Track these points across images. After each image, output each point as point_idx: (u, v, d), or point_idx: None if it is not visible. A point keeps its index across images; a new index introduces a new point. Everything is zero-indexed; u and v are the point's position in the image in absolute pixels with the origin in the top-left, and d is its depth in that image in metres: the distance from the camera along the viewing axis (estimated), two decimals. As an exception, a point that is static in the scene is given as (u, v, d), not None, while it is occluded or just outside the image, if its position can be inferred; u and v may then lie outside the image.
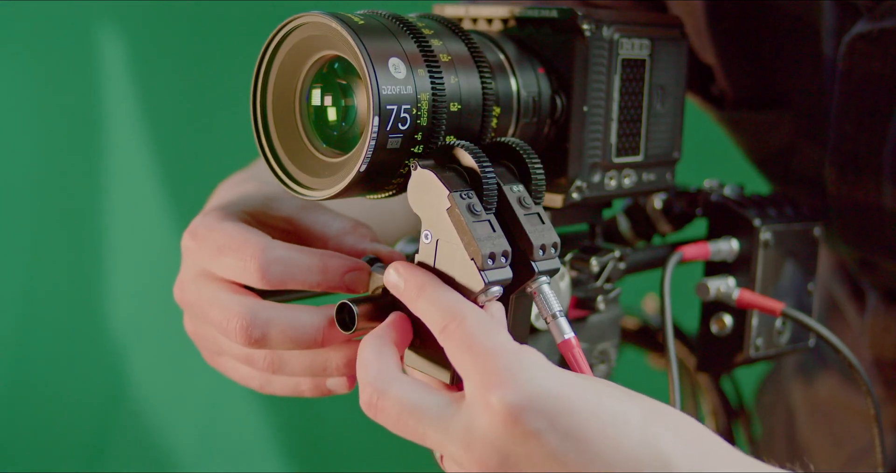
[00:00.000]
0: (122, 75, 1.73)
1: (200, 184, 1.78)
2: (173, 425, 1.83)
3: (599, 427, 0.54)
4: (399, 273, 0.62)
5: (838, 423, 1.04)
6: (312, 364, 0.68)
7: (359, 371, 0.60)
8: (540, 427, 0.54)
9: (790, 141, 0.91)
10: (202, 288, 0.68)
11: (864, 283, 0.97)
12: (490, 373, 0.55)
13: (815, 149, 0.89)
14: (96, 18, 1.71)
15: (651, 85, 0.75)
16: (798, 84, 0.89)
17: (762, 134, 0.93)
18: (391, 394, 0.57)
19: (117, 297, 1.77)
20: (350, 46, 0.60)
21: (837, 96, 0.84)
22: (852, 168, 0.85)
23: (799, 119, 0.90)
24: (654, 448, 0.54)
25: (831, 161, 0.86)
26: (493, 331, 0.57)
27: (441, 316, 0.58)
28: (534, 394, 0.54)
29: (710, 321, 0.82)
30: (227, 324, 0.66)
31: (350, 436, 1.88)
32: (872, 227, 0.87)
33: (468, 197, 0.61)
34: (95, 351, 1.76)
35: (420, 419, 0.57)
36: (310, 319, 0.66)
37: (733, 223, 0.81)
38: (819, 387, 1.07)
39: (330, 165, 0.64)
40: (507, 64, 0.70)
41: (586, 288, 0.74)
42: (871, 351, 0.96)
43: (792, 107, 0.91)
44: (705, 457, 0.55)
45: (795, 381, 1.11)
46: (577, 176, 0.72)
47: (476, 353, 0.56)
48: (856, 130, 0.83)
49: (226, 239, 0.67)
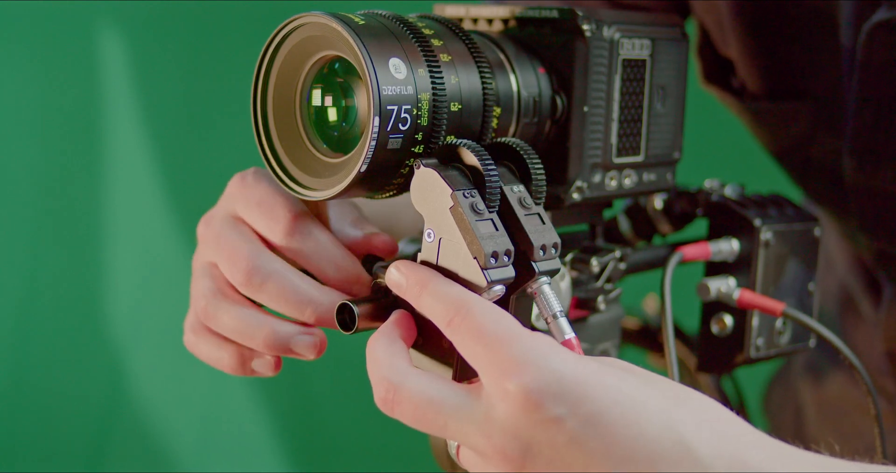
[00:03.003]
0: (122, 75, 1.73)
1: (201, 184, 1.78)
2: (173, 425, 1.82)
3: (620, 413, 0.54)
4: (400, 271, 0.61)
5: (847, 421, 1.04)
6: (242, 327, 0.67)
7: (371, 368, 0.59)
8: (561, 412, 0.53)
9: (809, 132, 0.91)
10: (228, 225, 0.69)
11: (881, 276, 0.97)
12: (505, 361, 0.54)
13: (834, 139, 0.89)
14: (96, 18, 1.71)
15: (652, 85, 0.75)
16: (817, 75, 0.90)
17: (781, 125, 0.94)
18: (407, 388, 0.57)
19: (117, 297, 1.77)
20: (350, 47, 0.60)
21: (856, 85, 0.85)
22: (870, 157, 0.85)
23: (818, 110, 0.90)
24: (675, 433, 0.54)
25: (850, 151, 0.87)
26: (501, 319, 0.57)
27: (446, 309, 0.58)
28: (553, 380, 0.54)
29: (711, 321, 0.82)
30: (235, 260, 0.67)
31: (350, 436, 1.88)
32: (890, 217, 0.87)
33: (471, 195, 0.61)
34: (95, 351, 1.76)
35: (439, 410, 0.56)
36: (313, 293, 0.66)
37: (734, 223, 0.81)
38: (828, 385, 1.07)
39: (330, 165, 0.64)
40: (508, 64, 0.70)
41: (587, 288, 0.74)
42: (885, 343, 0.96)
43: (811, 98, 0.91)
44: (728, 441, 0.55)
45: (804, 379, 1.11)
46: (578, 176, 0.72)
47: (487, 342, 0.55)
48: (874, 119, 0.84)
49: (268, 196, 0.68)
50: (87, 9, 1.69)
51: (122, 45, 1.72)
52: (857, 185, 0.87)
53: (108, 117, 1.73)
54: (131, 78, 1.74)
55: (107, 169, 1.75)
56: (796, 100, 0.92)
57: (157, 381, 1.81)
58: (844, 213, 0.90)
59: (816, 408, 1.08)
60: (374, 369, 0.59)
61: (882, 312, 0.97)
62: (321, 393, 1.90)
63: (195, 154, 1.77)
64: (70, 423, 1.75)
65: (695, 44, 1.00)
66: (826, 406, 1.07)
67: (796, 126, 0.92)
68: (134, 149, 1.75)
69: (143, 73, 1.74)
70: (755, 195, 0.85)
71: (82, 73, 1.71)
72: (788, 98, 0.93)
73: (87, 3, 1.69)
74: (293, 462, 1.92)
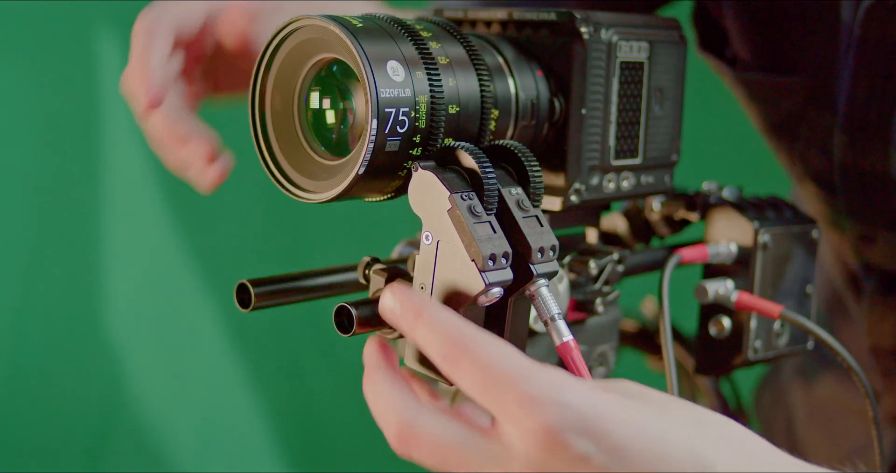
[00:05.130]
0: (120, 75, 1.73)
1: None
2: (172, 425, 1.82)
3: (644, 444, 0.53)
4: (395, 296, 0.58)
5: (836, 422, 1.04)
6: None
7: (377, 413, 0.57)
8: (587, 449, 0.52)
9: (801, 107, 0.91)
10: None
11: (862, 267, 0.97)
12: (521, 399, 0.53)
13: (825, 115, 0.89)
14: (96, 19, 1.71)
15: (650, 87, 0.75)
16: (813, 49, 0.89)
17: (773, 99, 0.93)
18: (423, 429, 0.55)
19: (116, 297, 1.77)
20: (348, 49, 0.60)
21: (852, 62, 0.85)
22: (862, 135, 0.85)
23: (811, 85, 0.90)
24: (700, 460, 0.54)
25: (842, 128, 0.86)
26: (508, 353, 0.54)
27: (443, 343, 0.55)
28: (574, 416, 0.52)
29: (709, 323, 0.82)
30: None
31: (350, 436, 1.88)
32: (878, 197, 0.87)
33: (469, 198, 0.61)
34: (94, 351, 1.76)
35: (458, 452, 0.55)
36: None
37: (732, 225, 0.81)
38: (818, 386, 1.07)
39: (328, 168, 0.64)
40: (506, 66, 0.70)
41: (585, 290, 0.74)
42: (869, 339, 0.96)
43: (804, 73, 0.91)
44: (752, 462, 0.55)
45: (794, 380, 1.10)
46: (576, 178, 0.72)
47: (497, 380, 0.53)
48: (868, 97, 0.84)
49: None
50: (86, 9, 1.69)
51: (121, 45, 1.72)
52: (847, 164, 0.87)
53: (107, 117, 1.73)
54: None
55: (105, 169, 1.75)
56: (790, 73, 0.92)
57: (156, 381, 1.81)
58: (831, 194, 0.89)
59: (806, 410, 1.08)
60: (381, 414, 0.57)
61: (864, 306, 0.96)
62: (320, 394, 1.90)
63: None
64: (69, 423, 1.75)
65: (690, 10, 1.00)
66: (816, 406, 1.06)
67: (788, 100, 0.92)
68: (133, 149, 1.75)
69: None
70: (753, 197, 0.85)
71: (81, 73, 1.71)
72: (782, 71, 0.92)
73: (86, 3, 1.69)
74: (293, 462, 1.92)
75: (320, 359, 1.90)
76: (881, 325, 0.95)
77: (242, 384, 1.88)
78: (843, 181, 0.88)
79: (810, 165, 0.92)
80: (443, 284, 0.61)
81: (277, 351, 1.91)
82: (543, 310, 0.62)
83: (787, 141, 0.95)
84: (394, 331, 0.65)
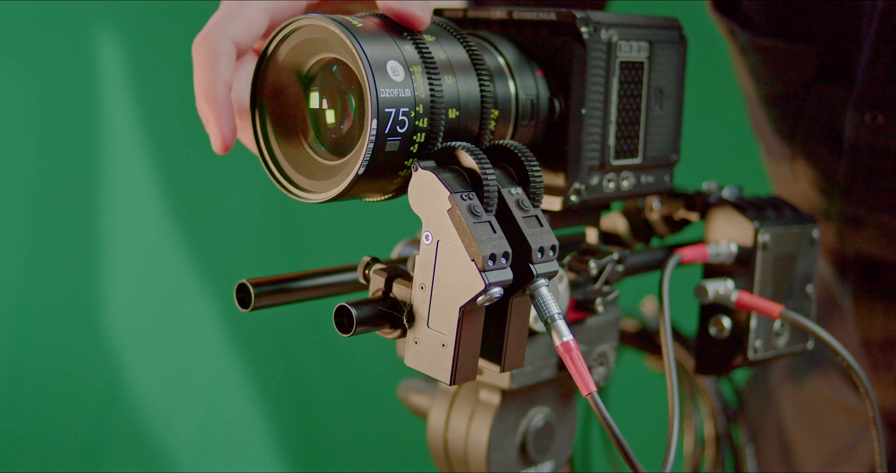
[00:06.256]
0: (120, 76, 1.73)
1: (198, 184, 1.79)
2: (172, 425, 1.83)
3: None
4: None
5: (822, 420, 1.04)
6: None
7: None
8: None
9: (810, 79, 0.89)
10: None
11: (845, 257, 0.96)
12: None
13: (836, 90, 0.87)
14: (95, 19, 1.71)
15: (649, 87, 0.75)
16: (830, 17, 0.88)
17: (782, 67, 0.91)
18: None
19: (116, 297, 1.77)
20: (348, 49, 0.60)
21: (873, 37, 0.83)
22: (877, 112, 0.83)
23: (825, 55, 0.88)
24: None
25: (855, 104, 0.85)
26: None
27: None
28: None
29: (709, 323, 0.82)
30: None
31: (350, 436, 1.88)
32: (881, 175, 0.86)
33: (469, 198, 0.61)
34: (93, 351, 1.76)
35: None
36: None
37: (732, 225, 0.81)
38: (804, 383, 1.06)
39: (328, 168, 0.64)
40: (506, 67, 0.70)
41: (585, 290, 0.74)
42: (859, 333, 0.96)
43: (819, 42, 0.89)
44: None
45: (783, 379, 1.10)
46: (576, 178, 0.72)
47: None
48: (886, 74, 0.82)
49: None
50: (86, 9, 1.69)
51: (120, 45, 1.72)
52: (858, 141, 0.85)
53: (106, 118, 1.73)
54: (130, 79, 1.74)
55: (105, 168, 1.75)
56: (803, 41, 0.89)
57: (156, 381, 1.81)
58: (830, 170, 0.88)
59: (794, 409, 1.07)
60: None
61: (849, 299, 0.96)
62: (320, 394, 1.90)
63: (193, 155, 1.77)
64: (68, 423, 1.75)
65: None
66: (803, 404, 1.06)
67: (798, 71, 0.90)
68: (132, 149, 1.75)
69: (142, 73, 1.74)
70: (753, 197, 0.85)
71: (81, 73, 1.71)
72: (795, 38, 0.89)
73: (86, 3, 1.69)
74: (293, 462, 1.92)
75: (320, 359, 1.90)
76: (869, 318, 0.94)
77: (242, 384, 1.88)
78: (850, 158, 0.86)
79: (811, 141, 0.90)
80: (443, 284, 0.61)
81: (277, 351, 1.91)
82: (543, 310, 0.62)
83: (791, 114, 0.93)
84: (394, 331, 0.65)
